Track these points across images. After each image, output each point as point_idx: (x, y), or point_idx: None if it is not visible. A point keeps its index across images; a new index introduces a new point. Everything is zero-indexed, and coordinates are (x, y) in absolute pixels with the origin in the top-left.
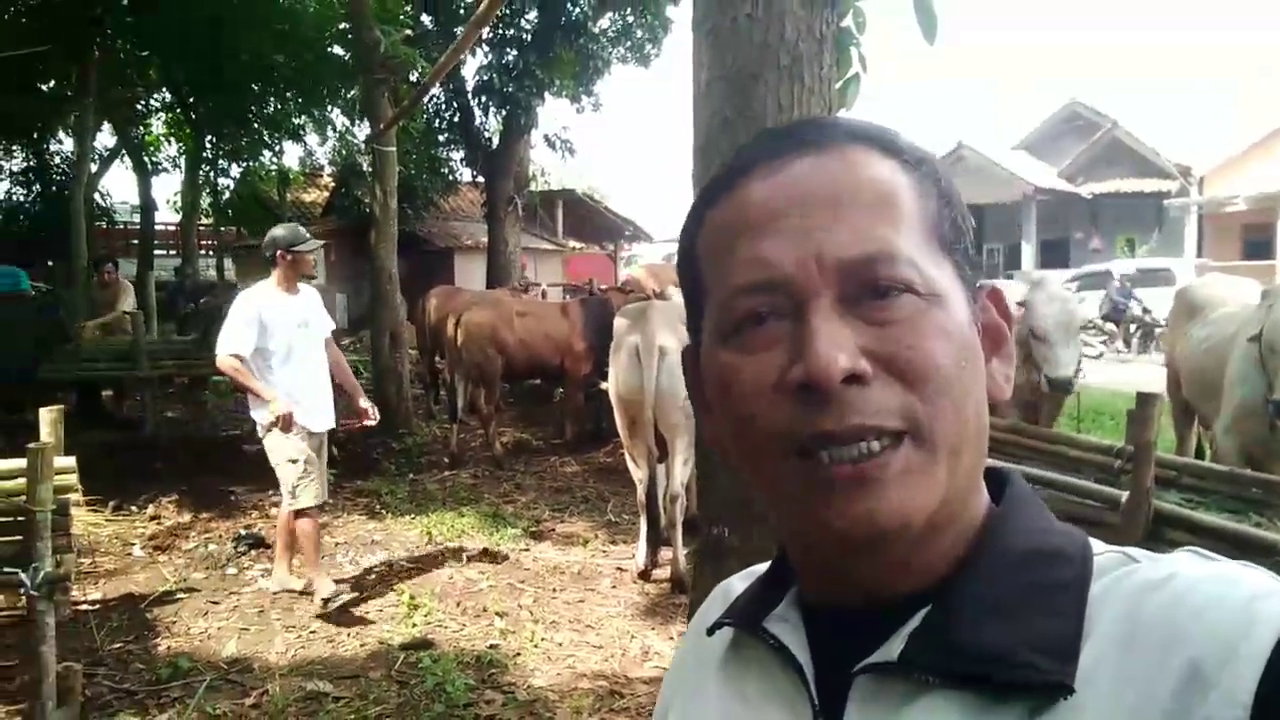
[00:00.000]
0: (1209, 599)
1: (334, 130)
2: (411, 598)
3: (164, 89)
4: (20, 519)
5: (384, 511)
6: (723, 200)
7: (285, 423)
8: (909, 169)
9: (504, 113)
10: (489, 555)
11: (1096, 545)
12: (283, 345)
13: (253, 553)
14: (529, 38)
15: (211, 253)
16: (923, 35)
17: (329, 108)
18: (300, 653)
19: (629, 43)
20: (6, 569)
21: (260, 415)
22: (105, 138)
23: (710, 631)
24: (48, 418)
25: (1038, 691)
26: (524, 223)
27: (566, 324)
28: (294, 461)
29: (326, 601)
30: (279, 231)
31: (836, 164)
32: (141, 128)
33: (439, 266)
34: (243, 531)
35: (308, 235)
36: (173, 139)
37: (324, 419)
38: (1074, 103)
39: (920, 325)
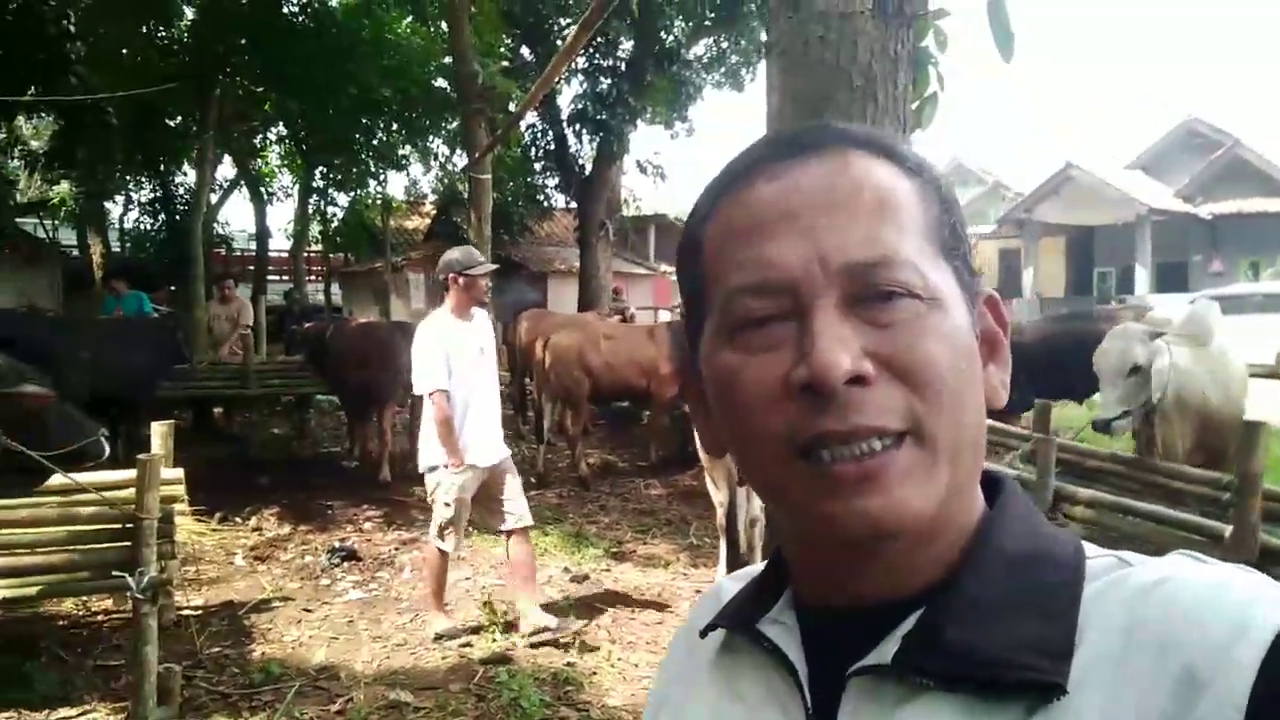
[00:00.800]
0: (1203, 603)
1: (436, 160)
2: (493, 613)
3: (279, 122)
4: (129, 526)
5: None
6: (725, 203)
7: (454, 462)
8: (910, 175)
9: (597, 140)
10: (570, 574)
11: (1090, 549)
12: (462, 375)
13: (345, 565)
14: (623, 66)
15: (319, 277)
16: (999, 52)
17: (431, 138)
18: (385, 663)
19: (723, 68)
20: (115, 573)
21: (431, 453)
22: (226, 169)
23: (704, 633)
24: (159, 431)
25: (1032, 693)
26: (615, 247)
27: (653, 347)
28: (448, 505)
29: (440, 637)
30: (454, 254)
31: (839, 169)
32: (258, 159)
33: (534, 290)
34: (336, 544)
35: (481, 258)
36: (286, 170)
37: (493, 451)
38: (1192, 120)
39: (921, 328)
